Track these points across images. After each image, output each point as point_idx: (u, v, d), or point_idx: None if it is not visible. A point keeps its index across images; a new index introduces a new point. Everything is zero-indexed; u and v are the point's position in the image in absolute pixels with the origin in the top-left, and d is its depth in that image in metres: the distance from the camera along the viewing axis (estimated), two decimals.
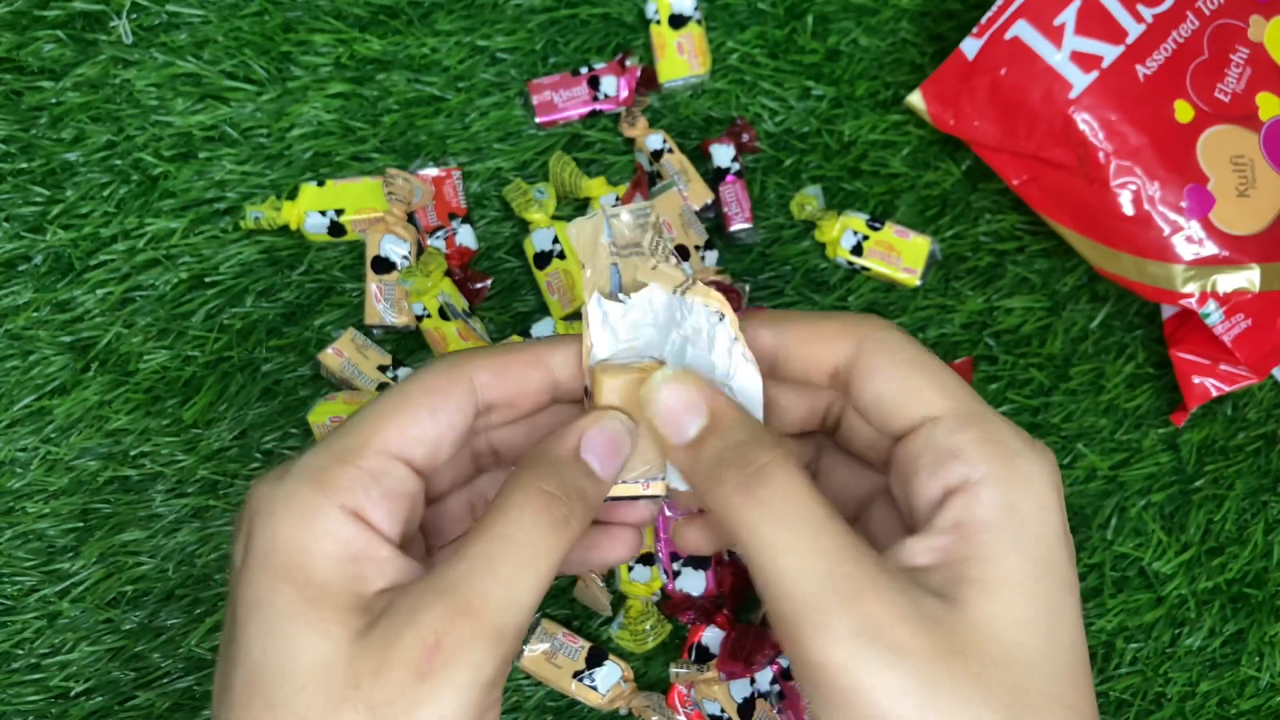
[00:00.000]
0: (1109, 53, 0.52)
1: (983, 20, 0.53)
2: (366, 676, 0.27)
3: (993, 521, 0.29)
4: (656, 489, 0.34)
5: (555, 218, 0.57)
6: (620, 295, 0.34)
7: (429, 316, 0.53)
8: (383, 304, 0.54)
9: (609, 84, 0.57)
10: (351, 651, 0.27)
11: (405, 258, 0.54)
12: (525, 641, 0.51)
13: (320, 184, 0.56)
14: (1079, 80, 0.52)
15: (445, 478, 0.35)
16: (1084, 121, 0.52)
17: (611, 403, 0.33)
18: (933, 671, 0.27)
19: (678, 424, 0.31)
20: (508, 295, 0.56)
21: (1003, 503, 0.29)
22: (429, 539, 0.35)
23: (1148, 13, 0.52)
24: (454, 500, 0.36)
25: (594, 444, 0.31)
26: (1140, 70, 0.52)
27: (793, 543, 0.28)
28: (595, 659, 0.51)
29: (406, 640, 0.27)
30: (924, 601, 0.28)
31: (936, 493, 0.30)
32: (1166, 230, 0.51)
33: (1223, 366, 0.53)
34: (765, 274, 0.57)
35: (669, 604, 0.52)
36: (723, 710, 0.50)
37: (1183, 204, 0.51)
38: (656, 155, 0.56)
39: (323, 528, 0.28)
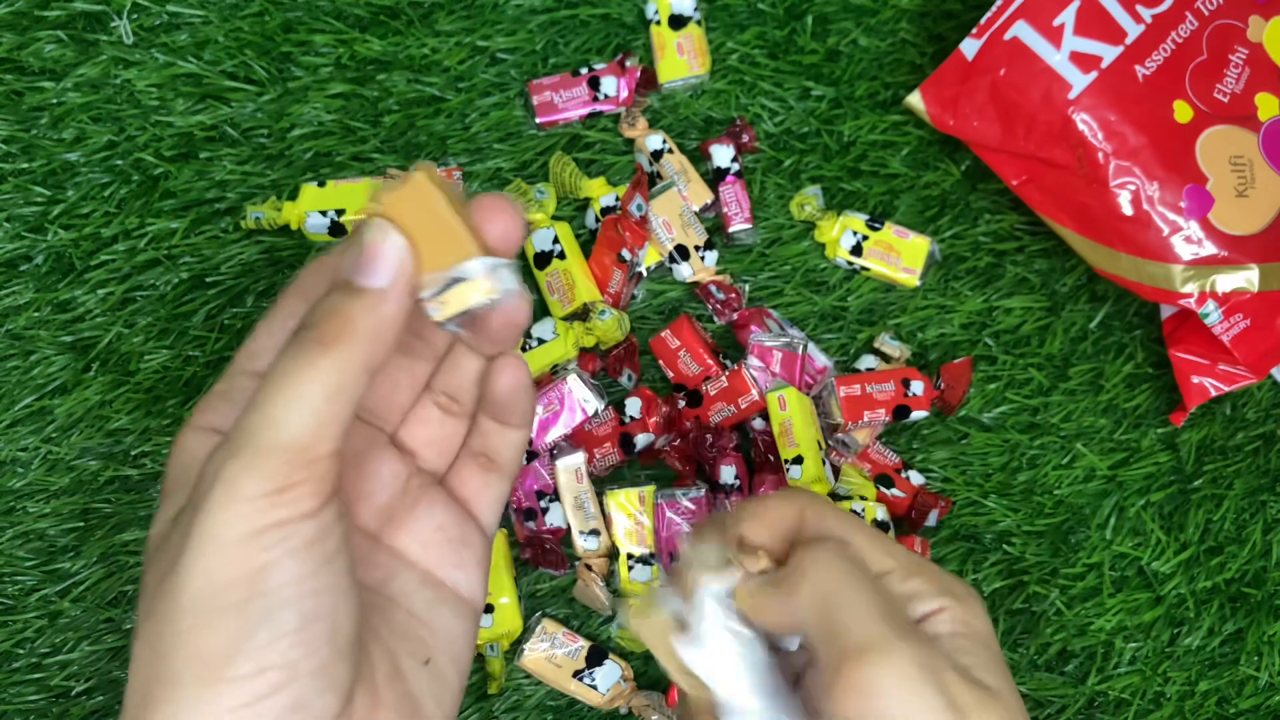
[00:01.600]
0: (1108, 53, 0.52)
1: (982, 21, 0.53)
2: (174, 526, 0.32)
3: (961, 631, 0.34)
4: (476, 290, 0.33)
5: (555, 218, 0.57)
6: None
7: None
8: None
9: (609, 84, 0.57)
10: (181, 501, 0.32)
11: None
12: (524, 641, 0.51)
13: (321, 184, 0.56)
14: (1078, 80, 0.52)
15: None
16: (1083, 122, 0.52)
17: (373, 213, 0.32)
18: (964, 713, 0.31)
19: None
20: None
21: (964, 618, 0.34)
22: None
23: (1147, 13, 0.52)
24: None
25: (349, 260, 0.32)
26: (1139, 70, 0.52)
27: (864, 596, 0.32)
28: (595, 658, 0.51)
29: (195, 486, 0.31)
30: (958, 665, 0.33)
31: (913, 620, 0.34)
32: (1165, 230, 0.52)
33: (1221, 366, 0.53)
34: (765, 274, 0.57)
35: None
36: None
37: (1182, 204, 0.51)
38: (656, 155, 0.57)
39: (182, 447, 0.33)
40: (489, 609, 0.51)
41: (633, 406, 0.53)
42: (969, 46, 0.54)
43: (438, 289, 0.32)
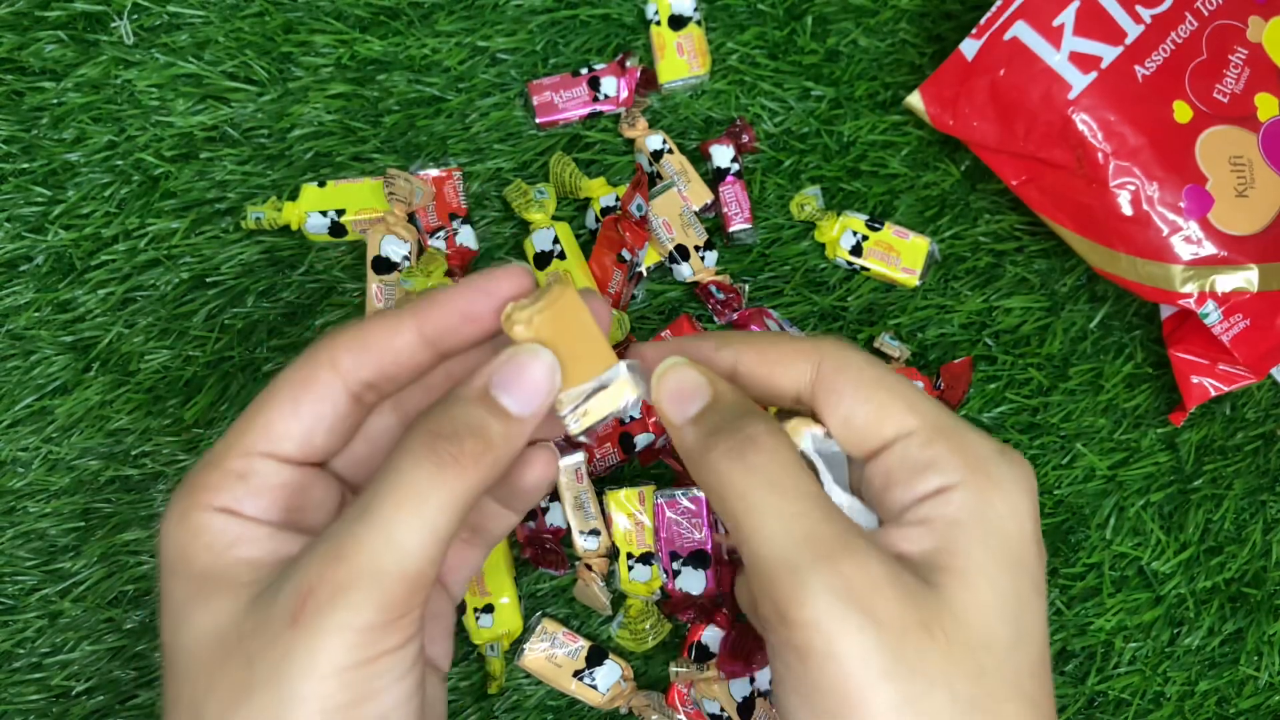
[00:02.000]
0: (1108, 53, 0.52)
1: (982, 21, 0.53)
2: (249, 633, 0.28)
3: (966, 519, 0.30)
4: (619, 394, 0.32)
5: (555, 218, 0.57)
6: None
7: None
8: (383, 304, 0.54)
9: (609, 85, 0.57)
10: (240, 616, 0.29)
11: (406, 258, 0.54)
12: (524, 641, 0.51)
13: (321, 184, 0.56)
14: (1078, 81, 0.52)
15: (376, 456, 0.34)
16: (1083, 122, 0.52)
17: (525, 337, 0.31)
18: (902, 641, 0.28)
19: (682, 405, 0.32)
20: None
21: (976, 503, 0.30)
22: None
23: (1146, 13, 0.52)
24: None
25: (505, 381, 0.30)
26: (1139, 71, 0.52)
27: (778, 505, 0.29)
28: (595, 658, 0.51)
29: (284, 593, 0.28)
30: (902, 575, 0.29)
31: (908, 501, 0.31)
32: (1165, 230, 0.52)
33: (1221, 366, 0.54)
34: (765, 274, 0.57)
35: (669, 603, 0.52)
36: (722, 709, 0.50)
37: (1181, 204, 0.51)
38: (656, 156, 0.57)
39: (196, 526, 0.30)
40: (489, 609, 0.51)
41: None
42: (969, 47, 0.54)
43: (579, 402, 0.32)
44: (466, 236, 0.56)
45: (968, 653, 0.28)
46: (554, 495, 0.52)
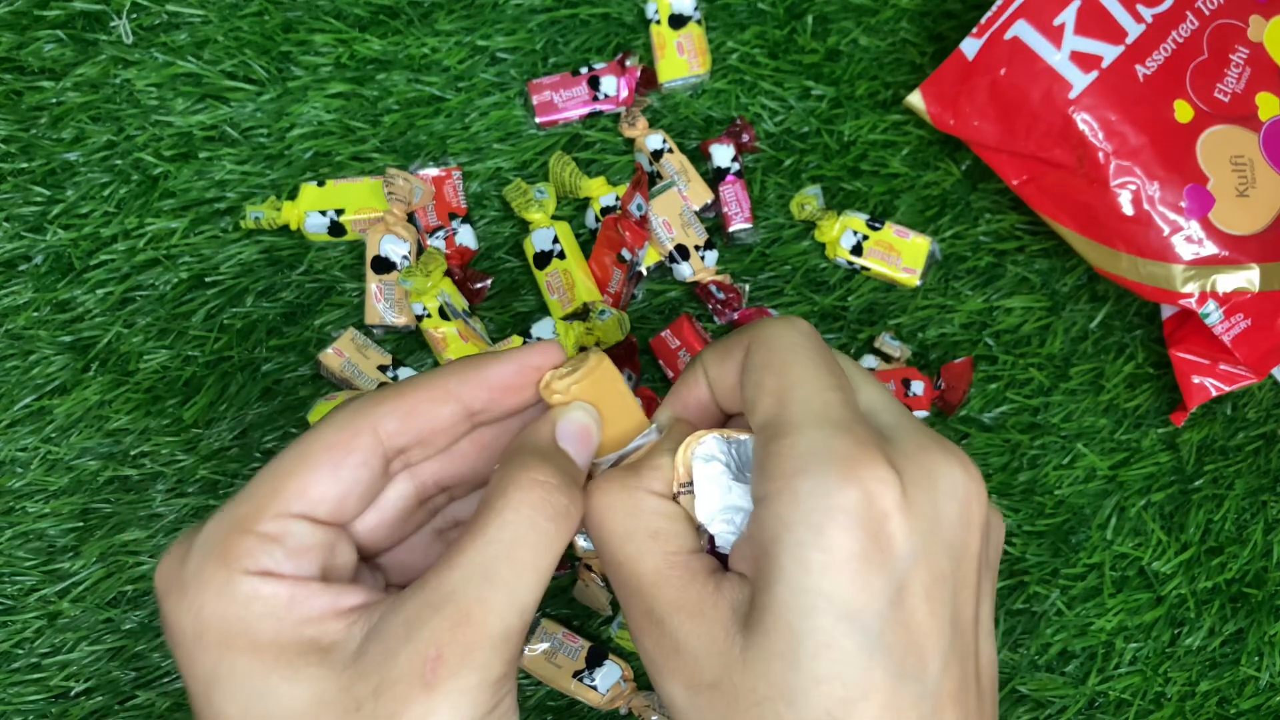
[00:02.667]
0: (1109, 53, 0.52)
1: (982, 20, 0.53)
2: (368, 698, 0.27)
3: (768, 546, 0.29)
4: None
5: (555, 218, 0.57)
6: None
7: (429, 316, 0.53)
8: (383, 304, 0.54)
9: (609, 84, 0.57)
10: (344, 680, 0.28)
11: (405, 258, 0.54)
12: (525, 640, 0.51)
13: (320, 184, 0.56)
14: (1079, 80, 0.52)
15: (385, 523, 0.34)
16: (1084, 121, 0.52)
17: (564, 403, 0.33)
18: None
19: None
20: (508, 295, 0.56)
21: (778, 526, 0.29)
22: (390, 577, 0.35)
23: (1147, 13, 0.52)
24: (415, 539, 0.36)
25: (568, 432, 0.31)
26: (1140, 70, 0.52)
27: (610, 573, 0.32)
28: (595, 659, 0.51)
29: (405, 657, 0.27)
30: (715, 631, 0.29)
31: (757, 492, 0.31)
32: (1166, 230, 0.51)
33: (1222, 366, 0.53)
34: (765, 274, 0.57)
35: None
36: None
37: (1182, 204, 0.51)
38: (656, 155, 0.56)
39: (244, 596, 0.28)
40: None
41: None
42: (969, 46, 0.54)
43: (611, 463, 0.33)
44: (466, 236, 0.55)
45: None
46: None
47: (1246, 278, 0.51)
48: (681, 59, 0.58)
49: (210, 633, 0.28)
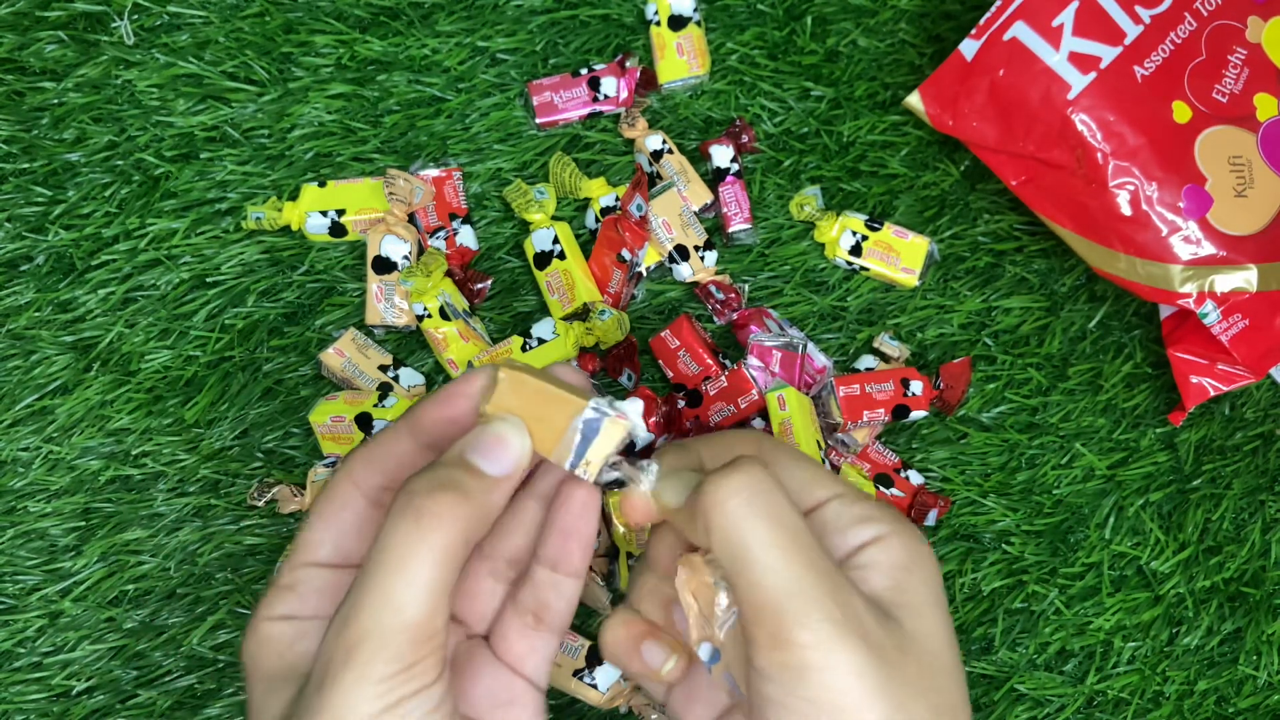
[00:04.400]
0: (1107, 53, 0.52)
1: (981, 21, 0.53)
2: (299, 708, 0.32)
3: (908, 563, 0.35)
4: (611, 436, 0.35)
5: (555, 218, 0.57)
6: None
7: (430, 316, 0.53)
8: (383, 304, 0.54)
9: (609, 85, 0.57)
10: (295, 695, 0.33)
11: (406, 258, 0.54)
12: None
13: (321, 184, 0.56)
14: (1077, 81, 0.52)
15: None
16: (1082, 122, 0.52)
17: (493, 410, 0.35)
18: (885, 659, 0.32)
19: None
20: (508, 295, 0.56)
21: (911, 551, 0.35)
22: (470, 626, 0.39)
23: (1146, 14, 0.52)
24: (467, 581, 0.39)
25: (475, 443, 0.34)
26: (1138, 71, 0.52)
27: (777, 539, 0.33)
28: (595, 657, 0.51)
29: (315, 670, 0.32)
30: (874, 607, 0.33)
31: (853, 547, 0.35)
32: (1164, 230, 0.52)
33: (1220, 366, 0.54)
34: (764, 274, 0.57)
35: None
36: None
37: (1181, 204, 0.51)
38: (656, 156, 0.57)
39: (262, 636, 0.35)
40: None
41: (634, 408, 0.53)
42: (968, 47, 0.54)
43: (574, 456, 0.35)
44: (466, 236, 0.56)
45: (931, 672, 0.33)
46: None
47: (1244, 278, 0.52)
48: (681, 60, 0.58)
49: (245, 669, 0.35)
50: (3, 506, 0.53)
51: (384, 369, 0.54)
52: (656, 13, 0.58)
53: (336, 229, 0.55)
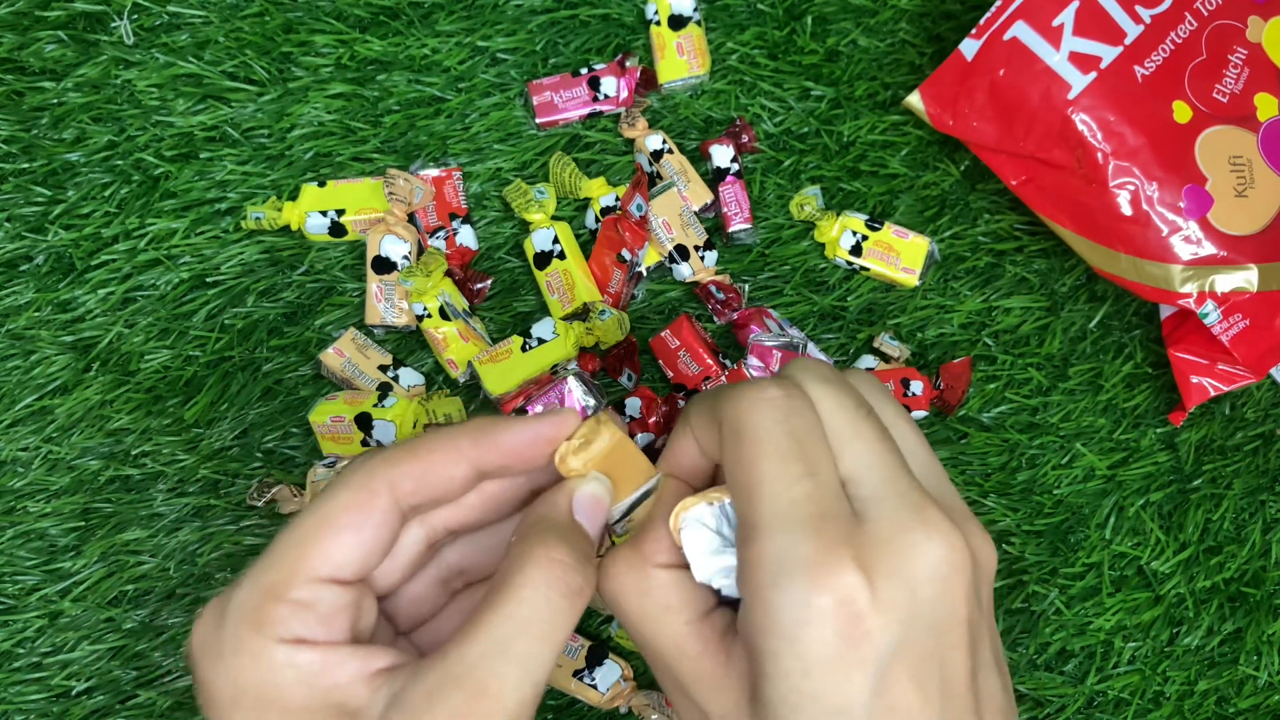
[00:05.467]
0: (1107, 53, 0.52)
1: (981, 21, 0.53)
2: None
3: (752, 648, 0.30)
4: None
5: (555, 218, 0.57)
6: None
7: (429, 316, 0.53)
8: (383, 304, 0.54)
9: (609, 85, 0.57)
10: None
11: (406, 258, 0.54)
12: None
13: (321, 184, 0.56)
14: (1077, 81, 0.52)
15: (398, 569, 0.36)
16: (1082, 122, 0.52)
17: (579, 474, 0.34)
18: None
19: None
20: (508, 295, 0.56)
21: (757, 634, 0.30)
22: (398, 623, 0.36)
23: (1146, 13, 0.52)
24: (416, 582, 0.37)
25: (583, 506, 0.33)
26: (1139, 71, 0.52)
27: (637, 642, 0.32)
28: (595, 658, 0.51)
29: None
30: (731, 706, 0.31)
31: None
32: (1165, 230, 0.52)
33: (1221, 366, 0.54)
34: (765, 274, 0.57)
35: None
36: None
37: (1181, 204, 0.51)
38: (656, 156, 0.57)
39: (279, 663, 0.30)
40: None
41: (633, 406, 0.53)
42: (968, 47, 0.54)
43: (624, 513, 0.35)
44: (466, 236, 0.56)
45: None
46: None
47: (1245, 278, 0.52)
48: (681, 60, 0.58)
49: (247, 698, 0.30)
50: (2, 506, 0.53)
51: (384, 369, 0.54)
52: (656, 12, 0.58)
53: (336, 229, 0.55)
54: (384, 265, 0.54)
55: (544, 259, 0.55)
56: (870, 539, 0.30)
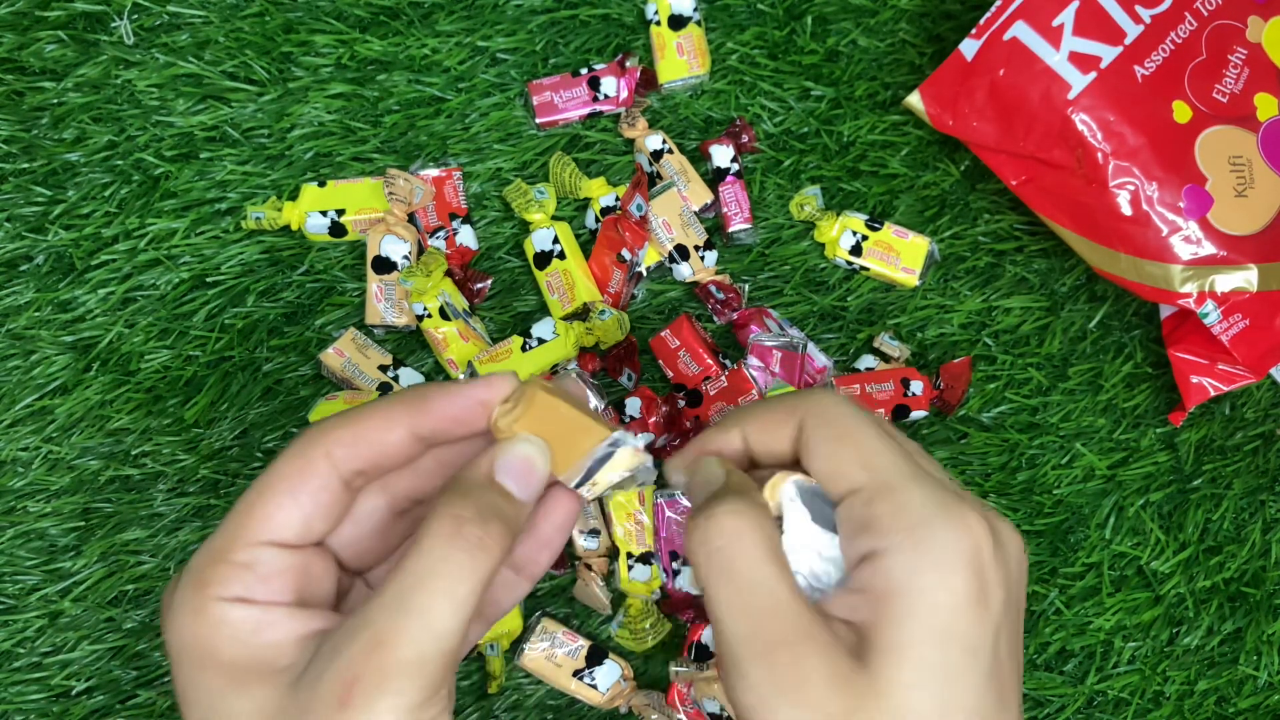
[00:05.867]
0: (1107, 53, 0.52)
1: (981, 21, 0.53)
2: (295, 716, 0.30)
3: (894, 590, 0.31)
4: (621, 463, 0.35)
5: (555, 218, 0.57)
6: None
7: (429, 316, 0.53)
8: (383, 304, 0.54)
9: (609, 85, 0.57)
10: (283, 701, 0.31)
11: (406, 258, 0.54)
12: (524, 640, 0.51)
13: (321, 184, 0.56)
14: (1077, 81, 0.52)
15: (364, 537, 0.36)
16: (1082, 122, 0.52)
17: (519, 430, 0.34)
18: None
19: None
20: (508, 295, 0.56)
21: (904, 573, 0.31)
22: (346, 562, 0.37)
23: (1146, 13, 0.52)
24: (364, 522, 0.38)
25: (508, 467, 0.33)
26: (1139, 71, 0.52)
27: (729, 596, 0.31)
28: (595, 657, 0.51)
29: (327, 679, 0.30)
30: (836, 662, 0.30)
31: (854, 558, 0.33)
32: (1165, 230, 0.52)
33: (1221, 366, 0.54)
34: (765, 274, 0.57)
35: (669, 603, 0.52)
36: (722, 709, 0.50)
37: (1181, 204, 0.51)
38: (656, 156, 0.57)
39: (215, 619, 0.31)
40: None
41: (633, 406, 0.53)
42: (968, 47, 0.54)
43: (582, 476, 0.35)
44: (466, 236, 0.56)
45: None
46: None
47: (1245, 278, 0.52)
48: (681, 60, 0.58)
49: (186, 652, 0.32)
50: (3, 506, 0.53)
51: (384, 369, 0.54)
52: (656, 12, 0.58)
53: (336, 229, 0.55)
54: (384, 265, 0.54)
55: (544, 259, 0.55)
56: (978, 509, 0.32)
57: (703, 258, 0.55)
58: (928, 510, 0.31)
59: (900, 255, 0.56)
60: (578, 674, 0.51)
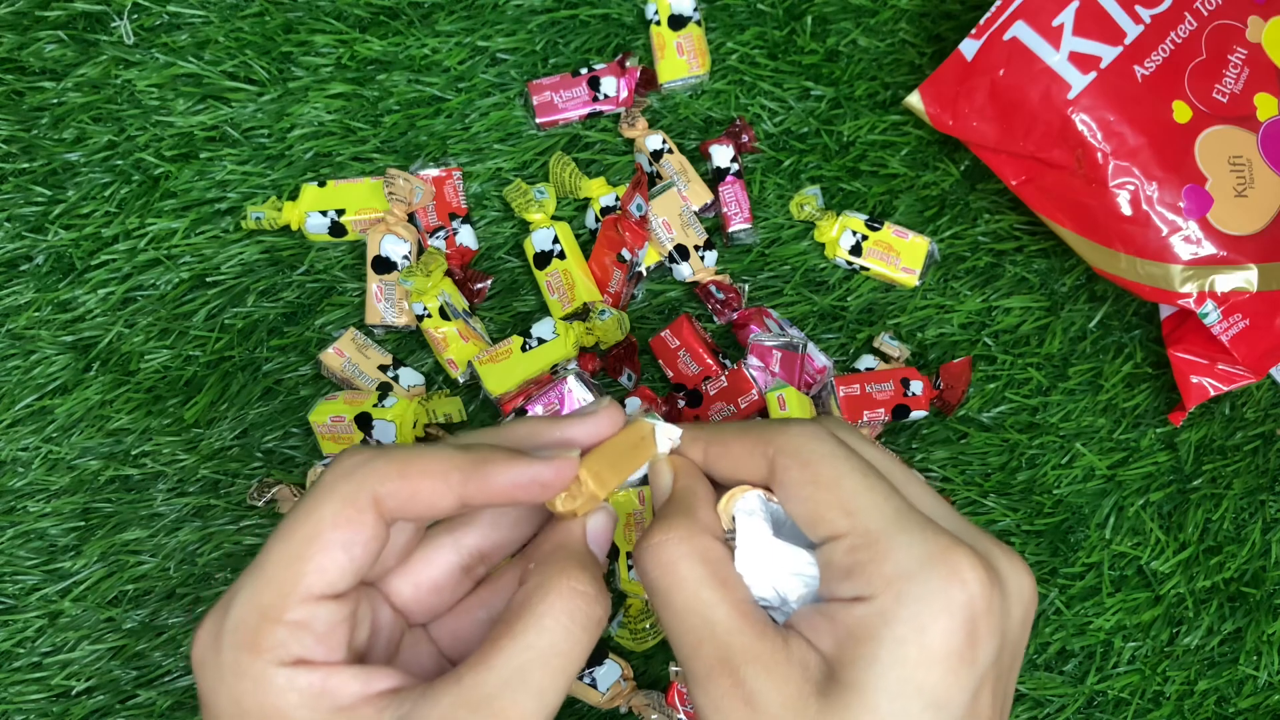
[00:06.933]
0: (1107, 53, 0.52)
1: (981, 21, 0.53)
2: None
3: (865, 634, 0.30)
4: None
5: (555, 218, 0.57)
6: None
7: (429, 316, 0.53)
8: (383, 304, 0.54)
9: (609, 84, 0.57)
10: None
11: (406, 258, 0.54)
12: None
13: (321, 184, 0.56)
14: (1077, 81, 0.52)
15: (436, 591, 0.36)
16: (1082, 122, 0.52)
17: (598, 493, 0.34)
18: None
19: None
20: (508, 295, 0.56)
21: (880, 621, 0.30)
22: (412, 615, 0.36)
23: (1146, 13, 0.52)
24: (433, 567, 0.37)
25: (596, 535, 0.33)
26: (1138, 71, 0.52)
27: (670, 622, 0.32)
28: (595, 657, 0.51)
29: None
30: (793, 684, 0.30)
31: (833, 595, 0.32)
32: (1165, 230, 0.52)
33: (1221, 366, 0.54)
34: (764, 274, 0.57)
35: None
36: None
37: (1181, 204, 0.51)
38: (656, 156, 0.57)
39: (281, 687, 0.30)
40: None
41: (633, 406, 0.53)
42: (968, 47, 0.54)
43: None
44: (466, 236, 0.56)
45: None
46: None
47: (1245, 278, 0.52)
48: (681, 60, 0.58)
49: (250, 718, 0.30)
50: (3, 506, 0.53)
51: (384, 369, 0.54)
52: (656, 12, 0.58)
53: (336, 229, 0.55)
54: (384, 265, 0.54)
55: (544, 259, 0.55)
56: (980, 549, 0.31)
57: (703, 258, 0.55)
58: (914, 561, 0.30)
59: (900, 255, 0.56)
60: (578, 674, 0.51)
